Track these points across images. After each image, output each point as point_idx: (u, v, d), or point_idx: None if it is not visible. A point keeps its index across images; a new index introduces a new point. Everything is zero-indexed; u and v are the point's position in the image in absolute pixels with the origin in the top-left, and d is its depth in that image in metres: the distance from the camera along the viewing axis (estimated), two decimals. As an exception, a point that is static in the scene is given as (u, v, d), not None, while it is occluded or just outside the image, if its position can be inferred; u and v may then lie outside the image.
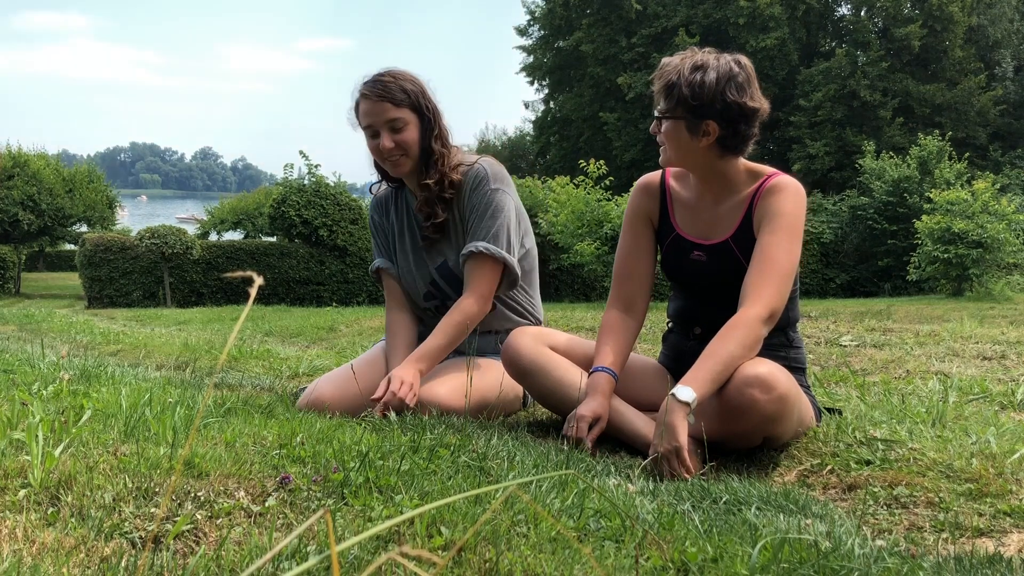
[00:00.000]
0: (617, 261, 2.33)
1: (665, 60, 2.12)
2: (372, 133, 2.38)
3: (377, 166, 2.55)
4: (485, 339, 2.53)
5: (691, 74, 2.02)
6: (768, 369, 1.91)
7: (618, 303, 2.29)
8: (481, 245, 2.37)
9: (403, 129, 2.35)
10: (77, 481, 1.26)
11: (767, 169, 2.16)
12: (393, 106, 2.34)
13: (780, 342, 2.16)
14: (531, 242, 2.55)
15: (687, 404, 1.88)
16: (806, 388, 2.18)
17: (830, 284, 19.69)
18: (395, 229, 2.60)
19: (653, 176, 2.32)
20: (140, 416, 1.70)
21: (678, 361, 2.25)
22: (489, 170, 2.42)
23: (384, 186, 2.65)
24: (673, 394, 1.89)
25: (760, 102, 2.06)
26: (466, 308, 2.39)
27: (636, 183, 2.35)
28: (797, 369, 2.18)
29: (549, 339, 2.30)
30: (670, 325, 2.37)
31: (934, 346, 4.68)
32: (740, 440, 2.02)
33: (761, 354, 2.02)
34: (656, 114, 2.11)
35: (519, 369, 2.26)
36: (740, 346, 1.94)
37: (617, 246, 2.36)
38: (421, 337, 2.52)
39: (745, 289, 2.02)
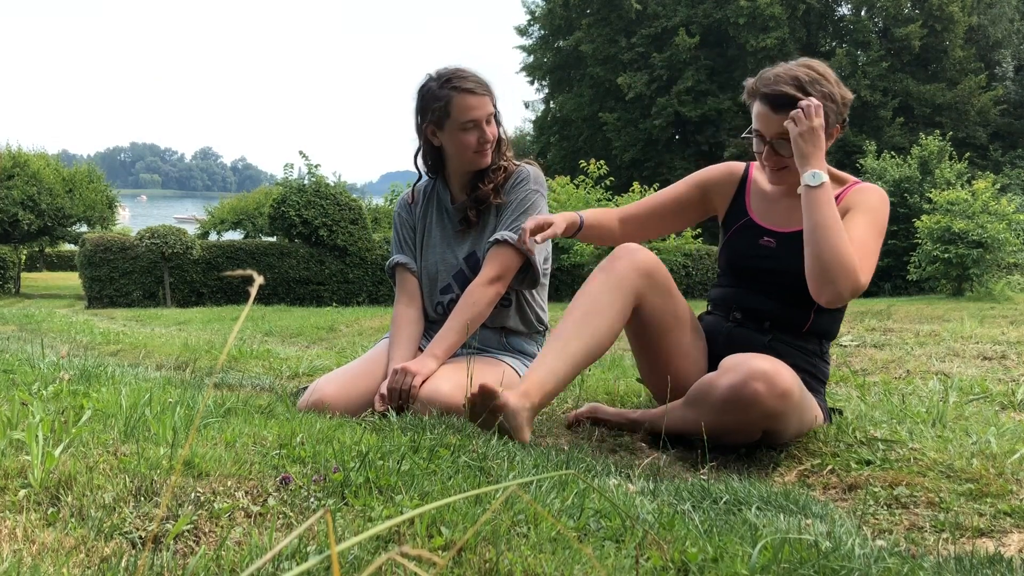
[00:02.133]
0: (650, 197, 2.45)
1: (778, 87, 2.09)
2: (474, 126, 2.45)
3: (427, 161, 2.62)
4: (492, 334, 2.56)
5: (819, 88, 2.08)
6: (773, 366, 1.91)
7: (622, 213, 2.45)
8: (507, 234, 2.45)
9: (492, 122, 2.50)
10: (77, 481, 1.26)
11: (851, 177, 2.21)
12: (491, 100, 2.49)
13: (815, 349, 2.17)
14: (550, 250, 2.62)
15: (816, 182, 1.99)
16: (820, 396, 2.18)
17: (830, 284, 19.66)
18: (424, 223, 2.67)
19: (739, 165, 2.38)
20: (140, 416, 1.70)
21: (712, 343, 2.26)
22: (532, 172, 2.55)
23: (417, 184, 2.72)
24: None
25: None
26: (474, 294, 2.43)
27: (722, 163, 2.42)
28: (818, 379, 2.19)
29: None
30: (708, 309, 2.37)
31: (934, 346, 4.69)
32: (738, 434, 2.01)
33: (794, 354, 2.07)
34: (787, 139, 2.11)
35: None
36: (838, 230, 1.97)
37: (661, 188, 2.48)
38: (426, 336, 2.57)
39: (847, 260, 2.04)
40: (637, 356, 2.35)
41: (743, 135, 2.21)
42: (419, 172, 2.68)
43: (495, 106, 2.52)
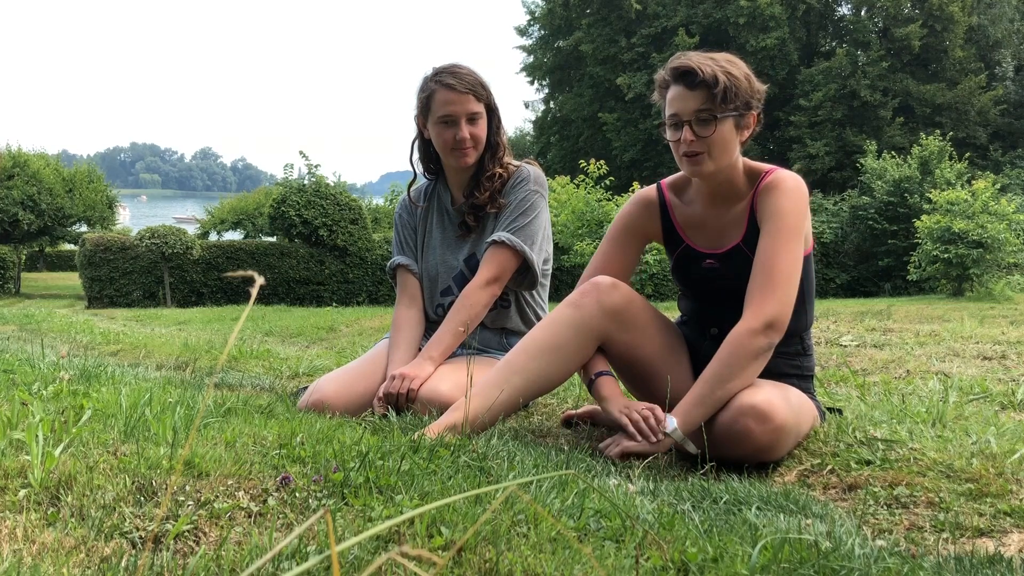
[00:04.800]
0: (593, 266, 2.27)
1: (690, 61, 2.00)
2: (450, 122, 2.44)
3: (423, 157, 2.62)
4: (492, 335, 2.55)
5: (728, 67, 2.00)
6: (765, 398, 1.88)
7: None
8: (504, 235, 2.44)
9: (478, 123, 2.46)
10: (77, 481, 1.26)
11: (765, 166, 2.12)
12: (475, 100, 2.45)
13: (795, 350, 2.12)
14: (550, 251, 2.61)
15: (669, 436, 1.94)
16: (811, 394, 2.16)
17: (830, 284, 19.69)
18: (425, 224, 2.66)
19: (651, 191, 2.27)
20: (140, 416, 1.70)
21: (694, 355, 2.22)
22: (532, 173, 2.53)
23: (416, 185, 2.70)
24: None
25: None
26: (470, 296, 2.42)
27: (633, 196, 2.30)
28: (806, 377, 2.16)
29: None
30: (683, 318, 2.31)
31: (934, 346, 4.69)
32: (733, 462, 1.98)
33: (774, 362, 2.00)
34: (705, 117, 1.98)
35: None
36: (729, 367, 1.92)
37: (597, 249, 2.30)
38: (425, 337, 2.57)
39: (746, 299, 1.98)
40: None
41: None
42: (412, 165, 2.66)
43: (491, 109, 2.49)
